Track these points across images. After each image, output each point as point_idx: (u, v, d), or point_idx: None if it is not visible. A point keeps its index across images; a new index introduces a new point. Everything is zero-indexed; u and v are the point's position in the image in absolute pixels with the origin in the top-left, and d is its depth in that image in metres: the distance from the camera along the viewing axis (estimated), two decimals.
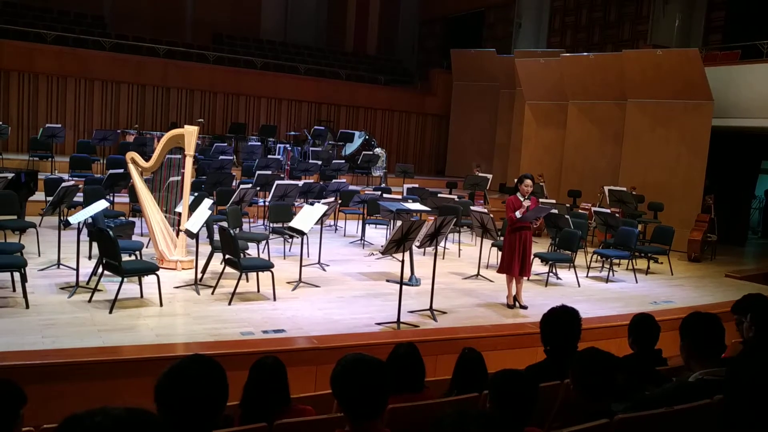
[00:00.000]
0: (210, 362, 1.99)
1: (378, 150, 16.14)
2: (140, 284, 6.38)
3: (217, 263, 7.22)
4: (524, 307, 7.16)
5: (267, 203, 10.23)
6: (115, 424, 1.27)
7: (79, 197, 8.45)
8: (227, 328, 5.74)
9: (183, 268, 7.60)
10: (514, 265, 7.06)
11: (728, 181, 13.55)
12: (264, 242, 8.59)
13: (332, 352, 5.13)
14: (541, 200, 7.24)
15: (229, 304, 6.47)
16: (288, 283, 7.42)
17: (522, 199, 7.04)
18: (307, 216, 7.43)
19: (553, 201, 11.80)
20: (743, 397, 1.85)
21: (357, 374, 2.21)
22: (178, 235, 7.76)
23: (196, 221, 6.91)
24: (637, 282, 9.23)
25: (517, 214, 6.99)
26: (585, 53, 15.25)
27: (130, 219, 9.10)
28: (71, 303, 6.08)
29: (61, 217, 7.35)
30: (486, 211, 9.39)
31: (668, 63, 12.47)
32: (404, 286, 6.43)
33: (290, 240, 9.42)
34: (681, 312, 7.26)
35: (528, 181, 7.09)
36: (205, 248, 7.47)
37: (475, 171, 14.49)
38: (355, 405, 2.20)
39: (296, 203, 10.45)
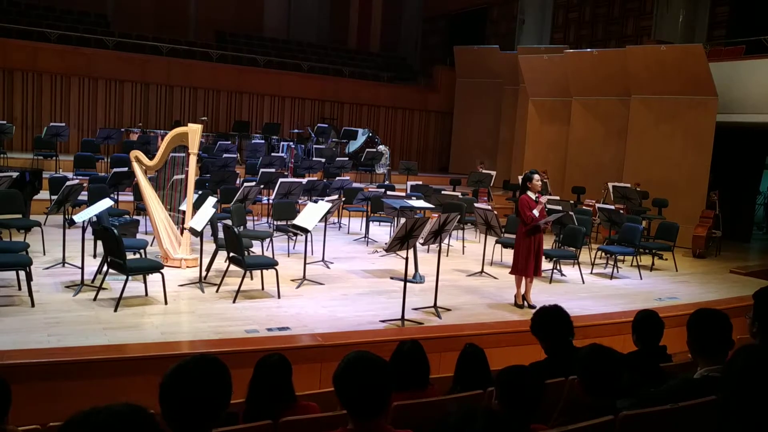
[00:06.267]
0: (215, 362, 1.99)
1: (381, 147, 16.14)
2: (145, 282, 6.39)
3: (221, 261, 7.24)
4: (533, 307, 7.06)
5: (271, 201, 10.25)
6: (117, 421, 1.28)
7: (83, 196, 8.47)
8: (232, 326, 5.75)
9: (187, 266, 7.61)
10: (530, 266, 6.98)
11: (733, 177, 13.50)
12: (268, 240, 8.61)
13: (336, 349, 5.13)
14: (545, 197, 7.18)
15: (234, 302, 6.48)
16: (292, 280, 7.43)
17: (534, 197, 6.95)
18: (310, 213, 7.44)
19: (557, 198, 11.77)
20: (735, 395, 1.85)
21: (358, 373, 2.21)
22: (182, 233, 7.77)
23: (200, 219, 6.92)
24: (641, 278, 9.21)
25: (536, 212, 6.86)
26: (588, 49, 15.20)
27: (135, 217, 9.12)
28: (76, 301, 6.10)
29: (66, 216, 7.36)
30: (490, 207, 9.39)
31: (672, 59, 12.42)
32: (408, 284, 6.43)
33: (294, 238, 9.43)
34: (685, 308, 7.24)
35: (536, 176, 7.00)
36: (210, 246, 7.49)
37: (479, 168, 14.47)
38: (356, 403, 2.20)
39: (300, 201, 10.46)
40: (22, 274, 6.00)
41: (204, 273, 7.10)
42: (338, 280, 7.83)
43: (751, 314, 2.86)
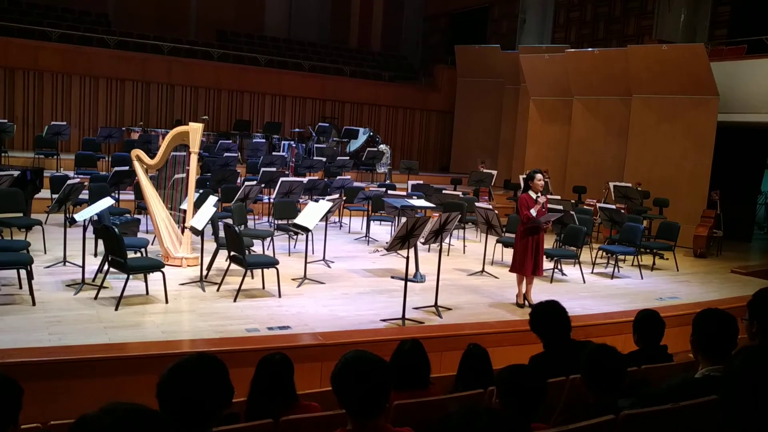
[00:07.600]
0: (212, 361, 1.99)
1: (382, 146, 16.13)
2: (146, 281, 6.40)
3: (222, 260, 7.24)
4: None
5: (272, 200, 10.24)
6: (123, 423, 1.29)
7: (84, 195, 8.47)
8: (232, 325, 5.76)
9: (188, 265, 7.61)
10: (527, 265, 6.98)
11: (734, 177, 13.49)
12: (269, 239, 8.61)
13: (337, 348, 5.13)
14: (543, 197, 7.15)
15: (235, 300, 6.49)
16: (293, 279, 7.43)
17: (535, 196, 6.92)
18: (311, 213, 7.44)
19: (558, 197, 11.77)
20: (735, 395, 1.84)
21: (356, 372, 2.19)
22: (183, 232, 7.78)
23: (201, 218, 6.93)
24: (642, 278, 9.20)
25: (533, 212, 6.84)
26: (590, 49, 15.18)
27: (136, 216, 9.12)
28: (77, 300, 6.10)
29: (67, 215, 7.37)
30: (491, 207, 9.39)
31: (673, 58, 12.41)
32: (409, 283, 6.42)
33: (295, 237, 9.43)
34: (686, 308, 7.25)
35: (539, 176, 6.97)
36: (210, 245, 7.49)
37: (480, 167, 14.46)
38: (354, 403, 2.19)
39: (301, 200, 10.46)
40: (23, 272, 6.01)
41: (205, 272, 7.10)
42: (339, 279, 7.83)
43: (746, 316, 2.85)
